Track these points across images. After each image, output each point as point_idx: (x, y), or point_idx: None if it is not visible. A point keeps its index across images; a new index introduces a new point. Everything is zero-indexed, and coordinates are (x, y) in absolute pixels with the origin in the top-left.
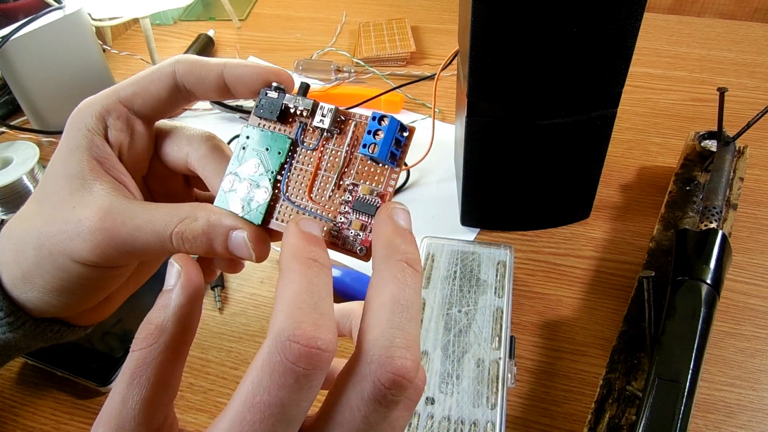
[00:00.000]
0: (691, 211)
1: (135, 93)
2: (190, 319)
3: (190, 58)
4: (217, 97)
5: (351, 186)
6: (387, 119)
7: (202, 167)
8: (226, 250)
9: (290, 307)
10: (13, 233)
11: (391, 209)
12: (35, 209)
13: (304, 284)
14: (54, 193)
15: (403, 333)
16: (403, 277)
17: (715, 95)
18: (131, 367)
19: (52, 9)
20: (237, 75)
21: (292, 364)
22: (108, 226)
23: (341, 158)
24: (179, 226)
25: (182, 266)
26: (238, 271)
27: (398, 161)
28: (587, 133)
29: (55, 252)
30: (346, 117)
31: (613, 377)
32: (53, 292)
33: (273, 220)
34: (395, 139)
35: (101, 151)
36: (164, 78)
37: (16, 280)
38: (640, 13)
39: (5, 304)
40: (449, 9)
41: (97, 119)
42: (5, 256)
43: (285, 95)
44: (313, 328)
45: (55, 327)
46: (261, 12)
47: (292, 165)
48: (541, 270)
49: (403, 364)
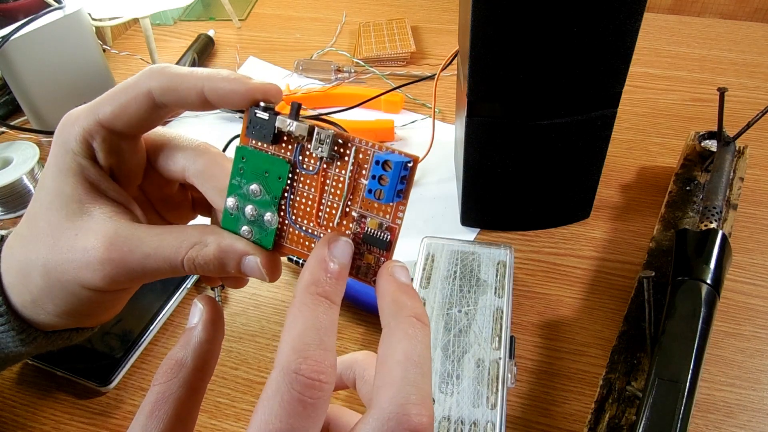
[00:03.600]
0: (691, 211)
1: (114, 114)
2: (209, 357)
3: (166, 72)
4: (201, 110)
5: (359, 216)
6: (391, 164)
7: (201, 183)
8: (238, 272)
9: (298, 341)
10: (15, 256)
11: (392, 268)
12: (33, 230)
13: (311, 321)
14: (50, 214)
15: (417, 389)
16: (414, 332)
17: (715, 95)
18: (151, 401)
19: (52, 9)
20: (219, 94)
21: (299, 394)
22: (116, 257)
23: (345, 185)
24: (190, 253)
25: (205, 306)
26: (243, 286)
27: (405, 194)
28: (587, 133)
29: (65, 280)
30: (345, 141)
31: (613, 377)
32: (65, 315)
33: (284, 243)
34: (400, 177)
35: (92, 173)
36: (141, 97)
37: (27, 303)
38: (640, 13)
39: (16, 324)
40: (449, 9)
41: (80, 143)
42: (11, 277)
43: (276, 117)
44: (316, 363)
45: (65, 334)
46: (261, 12)
47: (295, 188)
48: (541, 270)
49: (420, 420)
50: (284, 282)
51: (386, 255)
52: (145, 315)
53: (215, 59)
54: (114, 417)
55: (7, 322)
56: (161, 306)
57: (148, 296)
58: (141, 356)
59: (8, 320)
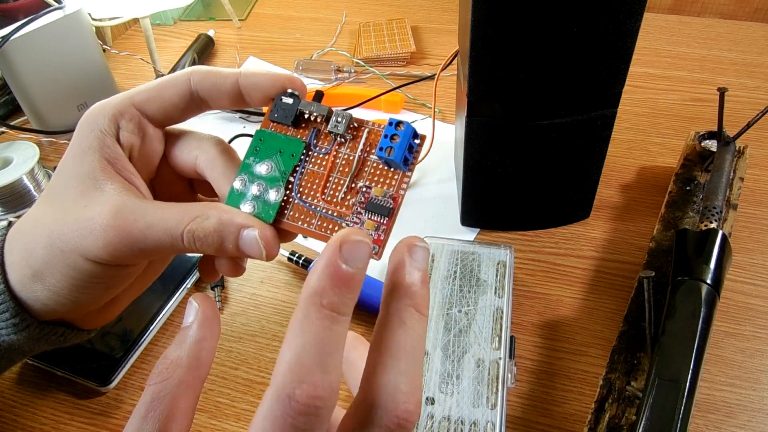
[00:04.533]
0: (691, 211)
1: (149, 97)
2: (205, 356)
3: (205, 68)
4: (230, 105)
5: (364, 188)
6: (403, 125)
7: (211, 170)
8: (236, 248)
9: (295, 362)
10: (23, 234)
11: (412, 246)
12: (45, 209)
13: (313, 338)
14: (65, 192)
15: (407, 378)
16: (410, 322)
17: (715, 95)
18: (147, 400)
19: (52, 9)
20: (253, 83)
21: (293, 420)
22: (120, 224)
23: (354, 162)
24: (191, 225)
25: (200, 305)
26: (240, 274)
27: (410, 166)
28: (587, 133)
29: (67, 250)
30: (360, 124)
31: (613, 377)
32: (63, 291)
33: (284, 219)
34: (409, 144)
35: (112, 152)
36: (179, 84)
37: (26, 279)
38: (640, 13)
39: (11, 305)
40: (449, 9)
41: (110, 121)
42: (13, 257)
43: (300, 101)
44: (312, 388)
45: (59, 330)
46: (261, 12)
47: (305, 167)
48: (541, 270)
49: (407, 408)
50: (284, 282)
51: (387, 222)
52: (145, 315)
53: (215, 59)
54: (114, 417)
55: (3, 302)
56: (161, 306)
57: (148, 296)
58: (141, 356)
59: (4, 300)
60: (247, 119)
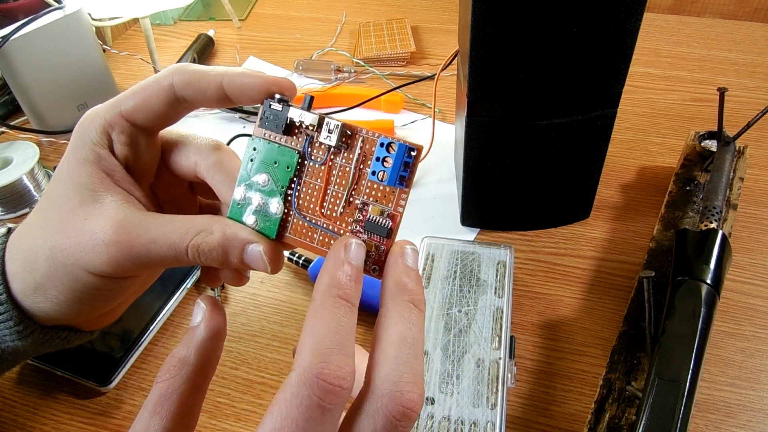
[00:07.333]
0: (691, 211)
1: (136, 107)
2: (211, 355)
3: (189, 69)
4: (218, 106)
5: (361, 205)
6: (395, 146)
7: (212, 176)
8: (241, 262)
9: (319, 345)
10: (23, 244)
11: (403, 249)
12: (43, 219)
13: (333, 324)
14: (62, 202)
15: (410, 369)
16: (409, 317)
17: (715, 95)
18: (154, 397)
19: (52, 9)
20: (237, 86)
21: (319, 399)
22: (123, 239)
23: (350, 174)
24: (195, 239)
25: (207, 306)
26: (244, 283)
27: (407, 182)
28: (587, 133)
29: (69, 264)
30: (353, 132)
31: (613, 377)
32: (66, 303)
33: (287, 234)
34: (403, 162)
35: (109, 164)
36: (163, 92)
37: (29, 290)
38: (640, 13)
39: (15, 314)
40: (449, 9)
41: (100, 133)
42: (15, 266)
43: (289, 108)
44: (337, 367)
45: (62, 334)
46: (261, 12)
47: (302, 179)
48: (541, 270)
49: (411, 397)
50: (284, 282)
51: (387, 242)
52: (145, 315)
53: (215, 59)
54: (114, 417)
55: (6, 311)
56: (161, 306)
57: (148, 296)
58: (141, 356)
59: (7, 309)
60: (247, 119)
